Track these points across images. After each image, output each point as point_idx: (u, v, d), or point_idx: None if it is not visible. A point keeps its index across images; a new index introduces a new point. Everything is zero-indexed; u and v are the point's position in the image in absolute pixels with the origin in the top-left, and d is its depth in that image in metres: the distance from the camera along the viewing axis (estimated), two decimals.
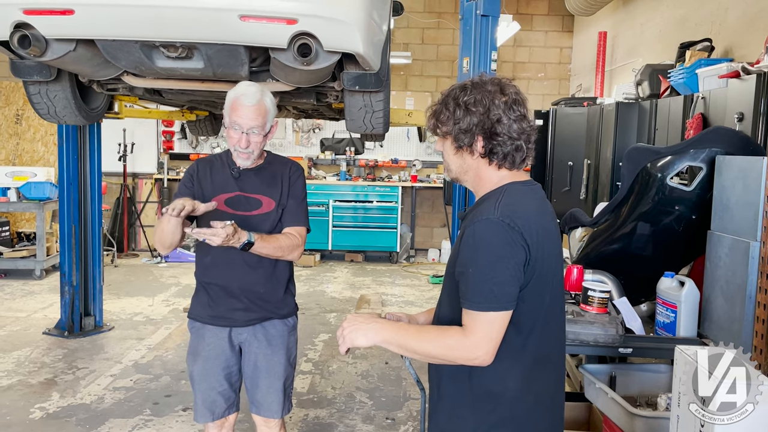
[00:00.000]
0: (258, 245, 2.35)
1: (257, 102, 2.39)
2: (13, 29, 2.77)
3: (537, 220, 1.61)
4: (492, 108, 1.61)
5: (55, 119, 4.09)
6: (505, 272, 1.54)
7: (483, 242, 1.56)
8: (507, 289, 1.54)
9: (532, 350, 1.63)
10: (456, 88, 1.68)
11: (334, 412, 4.06)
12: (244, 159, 2.46)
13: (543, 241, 1.60)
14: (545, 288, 1.63)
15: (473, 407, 1.66)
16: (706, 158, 2.79)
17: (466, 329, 1.56)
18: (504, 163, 1.66)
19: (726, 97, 3.61)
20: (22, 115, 8.87)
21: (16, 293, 6.75)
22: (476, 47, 4.43)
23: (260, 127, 2.40)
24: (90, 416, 3.91)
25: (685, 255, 3.07)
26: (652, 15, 6.41)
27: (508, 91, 1.64)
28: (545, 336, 1.67)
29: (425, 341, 1.61)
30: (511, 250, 1.54)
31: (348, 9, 2.79)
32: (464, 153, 1.67)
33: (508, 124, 1.62)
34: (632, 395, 2.60)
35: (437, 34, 9.35)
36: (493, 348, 1.54)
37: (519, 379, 1.63)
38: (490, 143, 1.63)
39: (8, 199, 7.20)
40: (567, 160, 5.93)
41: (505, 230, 1.54)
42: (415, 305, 6.77)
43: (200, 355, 2.57)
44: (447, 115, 1.66)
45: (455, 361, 1.58)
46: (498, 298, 1.53)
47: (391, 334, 1.65)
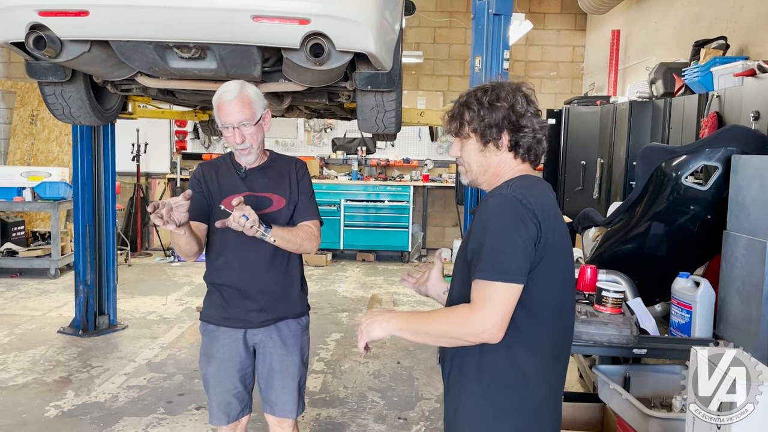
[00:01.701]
0: (276, 229, 2.35)
1: (238, 94, 2.38)
2: (29, 30, 2.79)
3: (548, 206, 1.64)
4: (515, 103, 1.68)
5: (70, 120, 4.13)
6: (515, 244, 1.55)
7: (495, 215, 1.59)
8: (517, 261, 1.55)
9: (546, 340, 1.64)
10: (476, 90, 1.74)
11: (346, 412, 4.07)
12: (245, 155, 2.46)
13: (555, 226, 1.62)
14: (556, 272, 1.64)
15: (482, 397, 1.67)
16: (722, 157, 2.76)
17: (474, 303, 1.56)
18: (528, 156, 1.73)
19: (741, 95, 3.57)
20: (37, 116, 8.95)
21: (32, 292, 6.82)
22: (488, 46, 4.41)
23: (249, 119, 2.39)
24: (104, 414, 3.94)
25: (700, 255, 3.05)
26: (666, 13, 6.35)
27: (524, 89, 1.72)
28: (559, 327, 1.68)
29: (433, 321, 1.63)
30: (523, 224, 1.56)
31: (360, 9, 2.79)
32: (490, 149, 1.72)
33: (531, 117, 1.69)
34: (647, 396, 2.59)
35: (449, 33, 9.33)
36: (502, 322, 1.53)
37: (536, 368, 1.64)
38: (515, 136, 1.70)
39: (23, 198, 7.27)
40: (580, 159, 5.89)
41: (518, 205, 1.57)
42: (426, 304, 6.76)
43: (214, 357, 2.58)
44: (472, 114, 1.71)
45: (464, 338, 1.57)
46: (508, 269, 1.54)
47: (403, 321, 1.67)
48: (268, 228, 2.31)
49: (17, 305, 6.31)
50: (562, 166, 6.17)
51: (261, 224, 2.27)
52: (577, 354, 4.19)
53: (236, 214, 2.21)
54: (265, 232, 2.30)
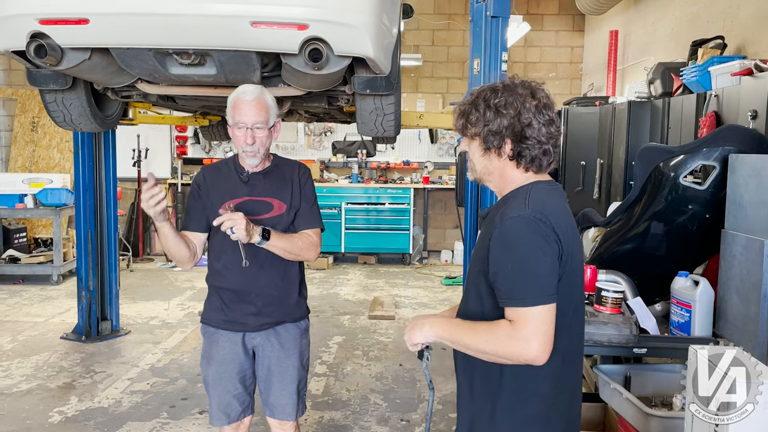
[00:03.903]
0: (274, 239, 2.38)
1: (257, 97, 2.41)
2: (30, 39, 2.82)
3: (564, 218, 1.63)
4: (523, 111, 1.62)
5: (71, 126, 4.15)
6: (544, 265, 1.55)
7: (518, 239, 1.56)
8: (549, 281, 1.55)
9: (561, 348, 1.63)
10: (486, 90, 1.68)
11: (348, 414, 4.08)
12: (251, 157, 2.47)
13: (571, 239, 1.62)
14: (574, 285, 1.64)
15: (505, 406, 1.67)
16: (720, 157, 2.78)
17: (517, 325, 1.54)
18: (531, 166, 1.67)
19: (739, 94, 3.59)
20: (38, 123, 8.98)
21: (34, 298, 6.83)
22: (487, 48, 4.42)
23: (264, 122, 2.42)
24: (108, 419, 3.95)
25: (699, 254, 3.06)
26: (663, 13, 6.37)
27: (538, 95, 1.65)
28: (572, 333, 1.68)
29: (477, 337, 1.60)
30: (547, 243, 1.55)
31: (358, 14, 2.81)
32: (491, 155, 1.68)
33: (538, 128, 1.63)
34: (647, 395, 2.60)
35: (447, 35, 9.35)
36: (547, 343, 1.52)
37: (550, 377, 1.64)
38: (519, 146, 1.64)
39: (25, 205, 7.28)
40: (579, 159, 5.91)
41: (539, 225, 1.55)
42: (428, 307, 6.77)
43: (214, 360, 2.59)
44: (477, 116, 1.66)
45: (508, 357, 1.56)
46: (543, 290, 1.53)
47: (445, 330, 1.68)
48: (264, 240, 2.35)
49: (20, 312, 6.32)
50: (562, 166, 6.18)
51: (256, 233, 2.31)
52: None
53: (226, 223, 2.26)
54: (260, 242, 2.34)
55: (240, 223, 2.26)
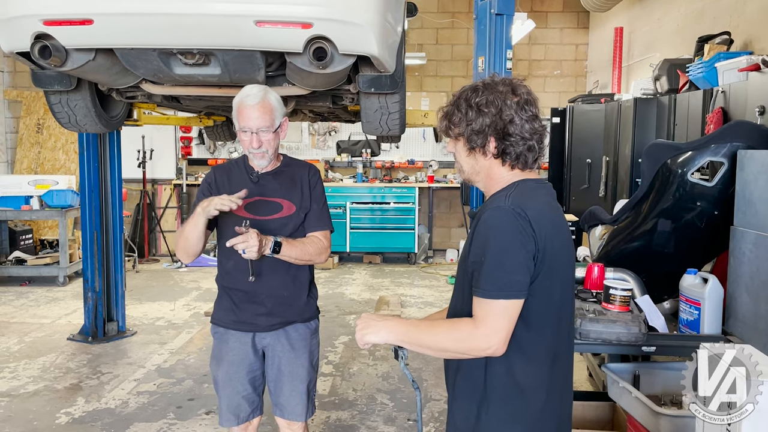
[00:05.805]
0: (285, 248, 2.38)
1: (261, 100, 2.40)
2: (34, 40, 2.82)
3: (548, 214, 1.62)
4: (504, 108, 1.62)
5: (76, 128, 4.16)
6: (515, 260, 1.54)
7: (493, 230, 1.57)
8: (517, 277, 1.54)
9: (545, 348, 1.64)
10: (467, 90, 1.68)
11: (355, 414, 4.07)
12: (260, 158, 2.48)
13: (553, 236, 1.60)
14: (554, 284, 1.63)
15: (487, 405, 1.66)
16: (728, 153, 2.75)
17: (477, 319, 1.56)
18: (516, 163, 1.67)
19: (746, 90, 3.56)
20: (43, 124, 9.01)
21: (41, 300, 6.85)
22: (491, 46, 4.41)
23: (269, 125, 2.41)
24: (115, 420, 3.95)
25: (708, 251, 3.03)
26: (668, 9, 6.34)
27: (519, 92, 1.65)
28: (557, 334, 1.67)
29: (437, 335, 1.63)
30: (522, 238, 1.55)
31: (362, 12, 2.80)
32: (477, 154, 1.68)
33: (521, 124, 1.63)
34: (656, 394, 2.58)
35: (451, 34, 9.33)
36: (505, 337, 1.55)
37: (532, 377, 1.64)
38: (502, 144, 1.64)
39: (31, 207, 7.31)
40: (585, 157, 5.88)
41: (515, 218, 1.55)
42: (434, 306, 6.76)
43: (224, 360, 2.59)
44: (459, 116, 1.67)
45: (468, 353, 1.59)
46: (509, 285, 1.54)
47: (403, 331, 1.68)
48: (274, 252, 2.36)
49: (27, 313, 6.34)
50: (568, 164, 6.17)
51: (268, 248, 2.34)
52: (586, 353, 4.18)
53: (240, 246, 2.28)
54: (272, 254, 2.36)
55: (253, 245, 2.27)
